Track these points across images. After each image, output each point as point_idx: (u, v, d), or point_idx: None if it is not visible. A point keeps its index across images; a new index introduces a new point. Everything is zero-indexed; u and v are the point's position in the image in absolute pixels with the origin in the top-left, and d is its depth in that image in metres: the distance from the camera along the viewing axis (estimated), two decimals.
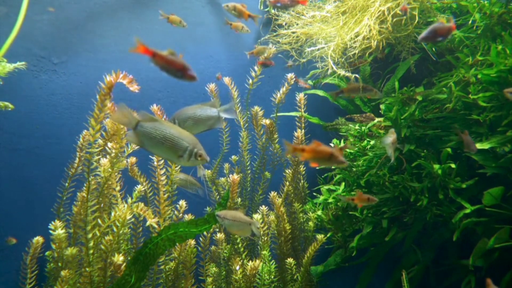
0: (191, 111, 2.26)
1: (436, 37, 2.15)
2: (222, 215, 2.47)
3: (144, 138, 1.89)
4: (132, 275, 2.30)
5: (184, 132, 1.91)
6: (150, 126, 1.88)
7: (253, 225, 2.51)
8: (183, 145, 1.87)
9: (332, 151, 1.99)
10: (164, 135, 1.87)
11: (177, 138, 1.87)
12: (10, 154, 3.33)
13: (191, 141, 1.89)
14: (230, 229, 2.55)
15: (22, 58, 3.27)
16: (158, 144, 1.88)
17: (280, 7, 3.12)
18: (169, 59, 1.79)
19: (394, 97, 3.11)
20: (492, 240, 2.46)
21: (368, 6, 3.36)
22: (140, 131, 1.89)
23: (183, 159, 1.88)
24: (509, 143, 2.52)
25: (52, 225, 2.56)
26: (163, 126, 1.89)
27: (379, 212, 3.06)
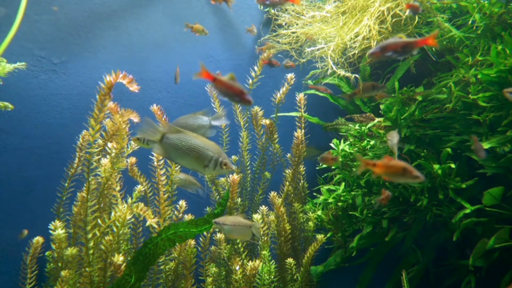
0: (183, 120, 2.32)
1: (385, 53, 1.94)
2: (221, 221, 2.43)
3: (170, 149, 1.93)
4: (132, 275, 2.30)
5: (208, 142, 1.95)
6: (175, 137, 1.92)
7: (253, 227, 2.49)
8: (208, 155, 1.91)
9: (405, 165, 1.89)
10: (190, 146, 1.91)
11: (202, 148, 1.91)
12: (10, 154, 3.33)
13: (215, 150, 1.93)
14: (230, 234, 2.52)
15: (22, 58, 3.27)
16: (184, 155, 1.92)
17: (269, 5, 3.14)
18: (228, 84, 1.86)
19: (394, 97, 3.11)
20: (492, 240, 2.46)
21: (368, 6, 3.36)
22: (166, 143, 1.93)
23: (208, 168, 1.92)
24: (509, 143, 2.52)
25: (52, 225, 2.56)
26: (188, 137, 1.93)
27: (379, 212, 3.06)
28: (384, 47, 1.89)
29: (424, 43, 1.90)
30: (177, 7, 4.01)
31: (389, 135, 2.64)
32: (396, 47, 1.88)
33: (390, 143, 2.58)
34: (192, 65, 4.01)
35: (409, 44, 1.87)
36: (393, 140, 2.56)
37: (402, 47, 1.88)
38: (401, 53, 1.91)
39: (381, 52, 1.90)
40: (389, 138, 2.61)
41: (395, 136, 2.59)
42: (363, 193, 3.13)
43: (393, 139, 2.56)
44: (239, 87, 1.86)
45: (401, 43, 1.87)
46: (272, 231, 3.08)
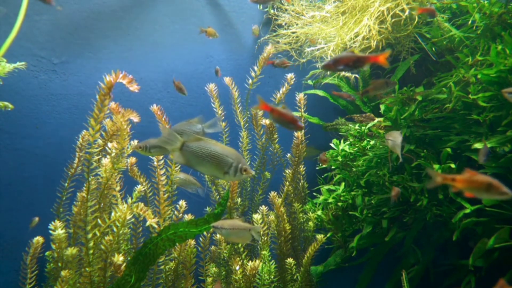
0: (178, 127, 2.36)
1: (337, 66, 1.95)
2: (219, 225, 2.42)
3: (190, 157, 1.97)
4: (132, 275, 2.30)
5: (227, 148, 1.99)
6: (195, 145, 1.96)
7: (253, 230, 2.47)
8: (228, 161, 1.94)
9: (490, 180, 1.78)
10: (210, 153, 1.94)
11: (221, 155, 1.94)
12: (10, 154, 3.33)
13: (235, 157, 1.96)
14: (229, 238, 2.50)
15: (22, 58, 3.27)
16: (204, 162, 1.95)
17: (260, 2, 3.17)
18: (283, 113, 2.01)
19: (394, 97, 3.11)
20: (492, 240, 2.46)
21: (367, 6, 3.36)
22: (187, 151, 1.96)
23: (228, 175, 1.95)
24: (509, 143, 2.52)
25: (52, 225, 2.56)
26: (208, 145, 1.96)
27: (379, 212, 3.06)
28: (337, 60, 1.91)
29: (375, 60, 1.91)
30: (177, 7, 4.01)
31: (390, 135, 2.61)
32: (348, 61, 1.90)
33: (393, 143, 2.56)
34: (192, 65, 4.01)
35: (361, 59, 1.90)
36: (396, 141, 2.53)
37: (354, 62, 1.91)
38: (352, 67, 1.94)
39: (334, 65, 1.93)
40: (391, 138, 2.58)
41: (398, 136, 2.56)
42: (363, 193, 3.13)
43: (397, 140, 2.53)
44: (292, 115, 2.01)
45: (353, 57, 1.90)
46: (272, 231, 3.09)
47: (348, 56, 1.90)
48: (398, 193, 2.65)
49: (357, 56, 1.88)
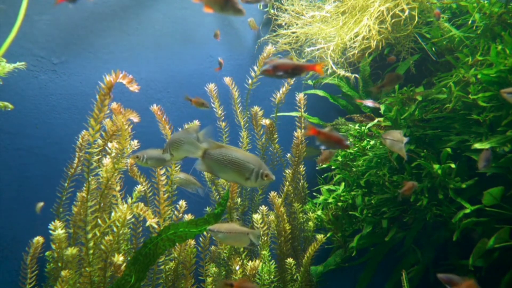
0: (177, 136, 2.41)
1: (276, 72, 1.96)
2: (215, 228, 2.40)
3: (212, 164, 1.98)
4: (132, 275, 2.30)
5: (248, 154, 2.00)
6: (217, 153, 1.97)
7: (251, 234, 2.45)
8: (250, 167, 1.95)
9: None
10: (231, 160, 1.95)
11: (243, 161, 1.95)
12: (10, 154, 3.33)
13: (256, 162, 1.97)
14: (225, 241, 2.49)
15: (22, 58, 3.27)
16: (226, 169, 1.96)
17: (251, 2, 3.18)
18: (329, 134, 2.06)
19: (394, 97, 3.11)
20: (492, 240, 2.46)
21: (367, 6, 3.36)
22: (208, 158, 1.98)
23: (250, 180, 1.96)
24: (509, 143, 2.52)
25: (52, 225, 2.56)
26: (229, 151, 1.97)
27: (379, 212, 3.06)
28: (276, 66, 1.94)
29: (312, 68, 1.97)
30: (177, 7, 4.01)
31: (389, 134, 2.57)
32: (287, 68, 1.94)
33: (395, 143, 2.52)
34: (192, 65, 4.01)
35: (299, 67, 1.95)
36: (400, 140, 2.50)
37: (292, 69, 1.94)
38: (290, 74, 1.96)
39: (273, 71, 1.94)
40: (394, 138, 2.53)
41: (400, 136, 2.52)
42: (363, 193, 3.13)
43: (400, 139, 2.50)
44: (338, 136, 2.06)
45: (292, 65, 1.94)
46: (272, 231, 3.08)
47: (287, 63, 1.93)
48: (411, 187, 2.61)
49: (295, 64, 1.93)
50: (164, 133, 2.97)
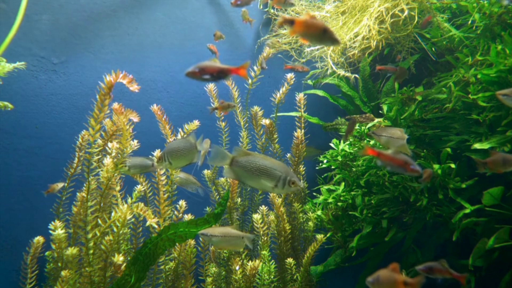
0: (175, 145, 2.40)
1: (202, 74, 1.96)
2: (208, 232, 2.37)
3: (240, 172, 2.00)
4: (132, 275, 2.30)
5: (276, 161, 2.01)
6: (244, 160, 1.99)
7: (246, 238, 2.43)
8: (277, 175, 1.96)
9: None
10: (258, 167, 1.97)
11: (270, 169, 1.97)
12: (10, 154, 3.33)
13: (283, 169, 1.97)
14: (220, 245, 2.47)
15: (21, 58, 3.27)
16: (254, 176, 1.98)
17: (241, 5, 3.20)
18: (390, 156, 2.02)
19: (394, 97, 3.11)
20: (492, 240, 2.46)
21: (367, 6, 3.36)
22: (236, 166, 2.00)
23: (277, 188, 1.97)
24: (509, 143, 2.53)
25: (52, 225, 2.56)
26: (256, 159, 1.99)
27: (379, 212, 3.06)
28: (202, 69, 1.94)
29: (236, 72, 1.96)
30: (177, 7, 4.01)
31: (387, 131, 2.51)
32: (213, 71, 1.94)
33: (399, 142, 2.49)
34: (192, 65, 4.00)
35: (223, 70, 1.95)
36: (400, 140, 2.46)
37: (217, 72, 1.94)
38: (216, 77, 1.96)
39: (200, 73, 1.94)
40: (393, 135, 2.49)
41: (399, 133, 2.49)
42: (363, 193, 3.13)
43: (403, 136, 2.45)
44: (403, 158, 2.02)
45: (217, 68, 1.94)
46: (272, 231, 3.08)
47: (212, 66, 1.94)
48: (431, 174, 2.57)
49: (220, 67, 1.94)
50: (164, 133, 2.97)
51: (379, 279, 1.79)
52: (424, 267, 2.04)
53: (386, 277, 1.78)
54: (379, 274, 1.79)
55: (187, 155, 2.38)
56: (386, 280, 1.78)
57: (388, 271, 1.79)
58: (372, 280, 1.80)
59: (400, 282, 1.75)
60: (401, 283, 1.75)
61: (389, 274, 1.78)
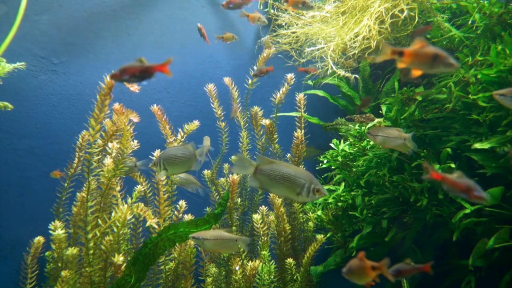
0: (173, 151, 2.41)
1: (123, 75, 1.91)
2: (200, 236, 2.35)
3: (264, 180, 2.00)
4: (132, 275, 2.30)
5: (299, 169, 2.00)
6: (268, 168, 1.99)
7: (240, 241, 2.42)
8: (301, 183, 1.95)
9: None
10: (282, 175, 1.96)
11: (293, 177, 1.96)
12: (10, 154, 3.33)
13: (307, 177, 1.96)
14: (213, 249, 2.46)
15: (21, 58, 3.27)
16: (278, 184, 1.97)
17: (233, 8, 3.19)
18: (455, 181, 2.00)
19: (394, 97, 3.11)
20: (492, 240, 2.46)
21: (367, 6, 3.36)
22: (260, 174, 2.00)
23: (302, 196, 1.96)
24: (509, 143, 2.52)
25: (52, 225, 2.56)
26: (280, 167, 1.98)
27: (379, 212, 3.06)
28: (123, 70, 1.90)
29: (160, 69, 1.96)
30: (177, 7, 4.01)
31: (388, 132, 2.48)
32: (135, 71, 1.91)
33: (396, 142, 2.48)
34: (192, 65, 4.01)
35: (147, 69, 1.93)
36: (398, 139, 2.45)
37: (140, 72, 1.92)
38: (139, 77, 1.93)
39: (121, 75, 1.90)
40: (393, 136, 2.48)
41: (397, 132, 2.47)
42: (363, 193, 3.13)
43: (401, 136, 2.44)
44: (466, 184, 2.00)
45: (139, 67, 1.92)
46: (272, 231, 3.08)
47: (134, 66, 1.91)
48: None
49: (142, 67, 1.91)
50: (164, 133, 2.97)
51: (351, 268, 1.98)
52: (393, 271, 2.11)
53: (357, 265, 1.96)
54: (350, 264, 1.98)
55: (185, 163, 2.38)
56: (357, 267, 1.96)
57: (358, 259, 1.96)
58: (345, 271, 1.99)
59: (368, 267, 1.94)
60: (369, 268, 1.94)
61: (359, 262, 1.96)
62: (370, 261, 1.95)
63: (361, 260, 1.96)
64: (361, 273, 1.96)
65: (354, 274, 1.98)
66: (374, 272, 1.94)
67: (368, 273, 1.95)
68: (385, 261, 1.94)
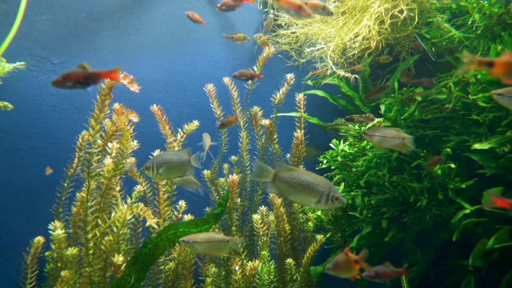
0: (168, 156, 2.40)
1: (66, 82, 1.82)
2: (190, 239, 2.33)
3: (283, 188, 2.00)
4: (132, 275, 2.30)
5: (318, 177, 1.99)
6: (287, 175, 1.98)
7: (231, 242, 2.41)
8: (320, 190, 1.95)
9: None
10: (301, 183, 1.96)
11: (313, 184, 1.95)
12: (10, 154, 3.33)
13: (326, 185, 1.96)
14: (204, 252, 2.44)
15: (21, 58, 3.27)
16: (296, 192, 1.97)
17: (226, 10, 3.19)
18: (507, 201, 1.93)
19: (394, 98, 3.11)
20: (492, 241, 2.46)
21: (367, 6, 3.36)
22: (279, 181, 1.99)
23: (320, 203, 1.96)
24: (509, 143, 2.53)
25: (52, 226, 2.56)
26: (299, 174, 1.98)
27: (379, 213, 3.06)
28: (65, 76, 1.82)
29: (108, 76, 1.89)
30: (177, 7, 4.01)
31: (385, 132, 2.47)
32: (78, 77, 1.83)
33: (394, 141, 2.47)
34: (192, 65, 4.01)
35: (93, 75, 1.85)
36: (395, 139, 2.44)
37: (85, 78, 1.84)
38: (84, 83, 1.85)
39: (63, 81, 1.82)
40: (390, 136, 2.47)
41: (396, 133, 2.46)
42: (363, 193, 3.13)
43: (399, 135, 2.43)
44: None
45: (84, 74, 1.84)
46: (272, 232, 3.09)
47: (78, 72, 1.83)
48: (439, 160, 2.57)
49: (88, 73, 1.83)
50: (164, 133, 2.97)
51: (337, 263, 2.05)
52: (367, 274, 2.17)
53: (343, 260, 2.04)
54: (336, 260, 2.05)
55: (179, 168, 2.37)
56: (343, 262, 2.05)
57: (343, 255, 2.04)
58: (331, 266, 2.06)
59: (352, 261, 2.04)
60: (353, 262, 2.04)
61: (345, 258, 2.03)
62: (354, 256, 2.04)
63: (347, 255, 2.03)
64: (347, 268, 2.04)
65: (341, 269, 2.05)
66: (358, 265, 2.03)
67: (353, 266, 2.03)
68: (363, 253, 2.03)
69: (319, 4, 2.81)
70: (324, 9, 2.83)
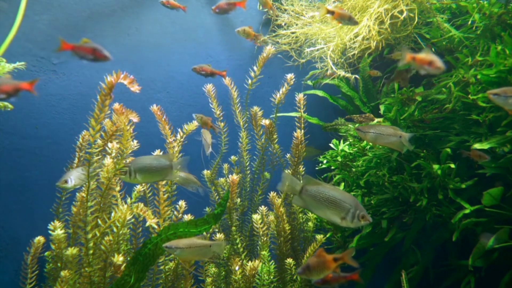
0: (148, 161, 2.40)
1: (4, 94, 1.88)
2: (173, 245, 2.31)
3: (309, 201, 2.01)
4: (132, 275, 2.30)
5: (345, 193, 1.99)
6: (314, 189, 1.99)
7: (214, 246, 2.40)
8: (346, 207, 1.94)
9: None
10: (328, 198, 1.96)
11: (339, 200, 1.95)
12: (10, 155, 3.33)
13: (352, 202, 1.96)
14: (187, 257, 2.44)
15: (21, 58, 3.27)
16: (322, 207, 1.97)
17: (219, 12, 3.20)
18: None
19: (394, 98, 3.11)
20: (492, 241, 2.47)
21: (367, 7, 3.36)
22: (306, 194, 2.00)
23: (346, 220, 1.96)
24: (509, 144, 2.53)
25: (52, 226, 2.56)
26: (326, 189, 1.98)
27: (379, 213, 3.06)
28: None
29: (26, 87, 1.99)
30: None
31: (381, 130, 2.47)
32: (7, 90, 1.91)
33: (389, 139, 2.47)
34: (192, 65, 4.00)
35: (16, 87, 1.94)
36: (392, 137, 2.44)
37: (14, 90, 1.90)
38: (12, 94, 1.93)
39: None
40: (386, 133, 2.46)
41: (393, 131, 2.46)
42: (363, 193, 3.13)
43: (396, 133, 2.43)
44: None
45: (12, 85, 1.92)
46: (272, 232, 3.08)
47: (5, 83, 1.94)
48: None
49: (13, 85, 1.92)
50: (163, 133, 2.97)
51: (309, 266, 1.97)
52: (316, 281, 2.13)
53: (315, 262, 1.97)
54: (308, 263, 1.97)
55: (160, 173, 2.36)
56: (316, 264, 1.97)
57: (315, 257, 1.98)
58: (301, 271, 1.98)
59: (330, 260, 1.96)
60: (331, 261, 1.96)
61: (317, 259, 1.97)
62: (331, 254, 1.99)
63: (320, 256, 1.98)
64: (321, 268, 1.98)
65: (314, 271, 1.98)
66: (336, 263, 1.98)
67: (329, 266, 1.97)
68: (350, 251, 2.01)
69: (345, 14, 2.87)
70: (350, 19, 2.88)
